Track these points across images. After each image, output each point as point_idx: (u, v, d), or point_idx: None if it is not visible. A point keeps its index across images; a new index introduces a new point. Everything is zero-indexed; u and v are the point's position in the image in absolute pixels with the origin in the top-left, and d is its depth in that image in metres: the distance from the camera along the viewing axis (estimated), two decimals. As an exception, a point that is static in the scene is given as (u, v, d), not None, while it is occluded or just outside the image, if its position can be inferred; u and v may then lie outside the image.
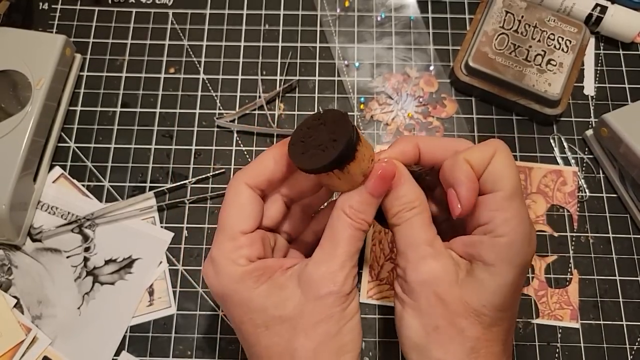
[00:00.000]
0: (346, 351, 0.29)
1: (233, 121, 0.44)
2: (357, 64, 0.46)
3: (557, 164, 0.43)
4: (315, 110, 0.45)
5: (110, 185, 0.43)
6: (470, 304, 0.28)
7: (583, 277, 0.40)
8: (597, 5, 0.46)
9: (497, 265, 0.28)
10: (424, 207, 0.30)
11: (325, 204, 0.35)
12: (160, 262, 0.41)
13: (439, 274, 0.28)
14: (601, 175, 0.43)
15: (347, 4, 0.48)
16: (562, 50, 0.44)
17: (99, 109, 0.45)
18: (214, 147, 0.44)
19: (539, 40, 0.44)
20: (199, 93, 0.46)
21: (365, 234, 0.30)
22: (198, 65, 0.46)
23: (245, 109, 0.44)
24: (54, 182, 0.43)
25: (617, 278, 0.40)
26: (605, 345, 0.39)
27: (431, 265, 0.28)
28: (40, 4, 0.48)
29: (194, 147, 0.44)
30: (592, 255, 0.41)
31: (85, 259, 0.41)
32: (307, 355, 0.29)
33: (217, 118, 0.44)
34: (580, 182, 0.43)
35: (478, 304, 0.28)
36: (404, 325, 0.29)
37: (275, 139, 0.44)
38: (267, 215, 0.32)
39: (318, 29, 0.48)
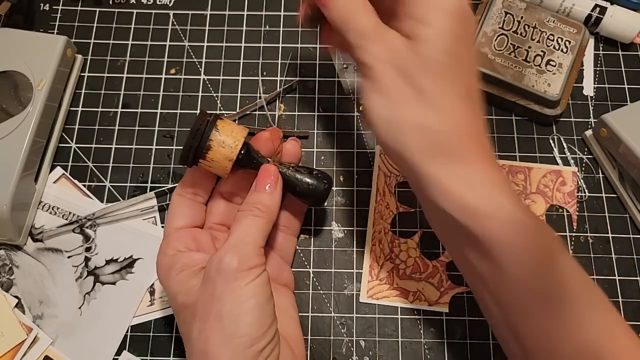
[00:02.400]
0: (238, 336, 0.29)
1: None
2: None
3: (557, 164, 0.43)
4: (316, 111, 0.45)
5: (111, 186, 0.43)
6: (421, 56, 0.29)
7: (582, 277, 0.41)
8: (596, 6, 0.46)
9: (430, 15, 0.30)
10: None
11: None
12: (161, 262, 0.41)
13: (392, 47, 0.30)
14: (600, 175, 0.43)
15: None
16: (562, 50, 0.44)
17: (99, 109, 0.45)
18: (214, 148, 0.44)
19: (538, 41, 0.44)
20: (200, 94, 0.46)
21: (267, 217, 0.33)
22: (199, 66, 0.47)
23: (245, 109, 0.45)
24: (55, 182, 0.43)
25: (617, 278, 0.41)
26: (604, 345, 0.39)
27: (380, 45, 0.30)
28: (42, 5, 0.48)
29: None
30: (592, 255, 0.41)
31: (87, 259, 0.41)
32: (198, 337, 0.30)
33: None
34: (579, 182, 0.43)
35: (427, 54, 0.29)
36: (370, 108, 0.31)
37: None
38: (215, 212, 0.37)
39: (318, 30, 0.48)
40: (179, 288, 0.32)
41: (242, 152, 0.34)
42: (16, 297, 0.40)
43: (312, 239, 0.42)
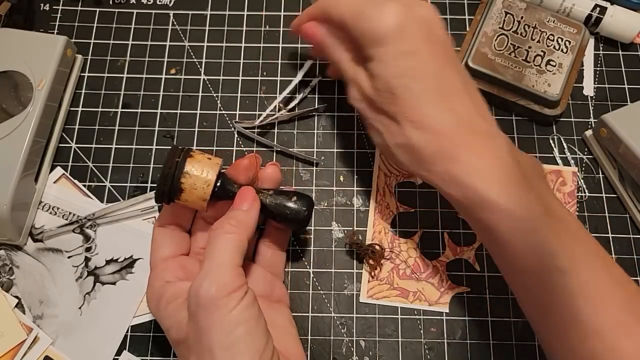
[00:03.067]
0: None
1: (249, 128, 0.44)
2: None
3: (557, 164, 0.43)
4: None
5: (111, 186, 0.43)
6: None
7: (582, 277, 0.41)
8: (596, 6, 0.46)
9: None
10: None
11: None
12: (161, 262, 0.41)
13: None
14: (600, 175, 0.43)
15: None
16: (562, 50, 0.44)
17: (100, 109, 0.45)
18: (214, 148, 0.44)
19: (538, 41, 0.44)
20: (200, 94, 0.46)
21: (240, 233, 0.31)
22: (199, 66, 0.47)
23: (265, 119, 0.44)
24: (55, 182, 0.43)
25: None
26: (604, 345, 0.39)
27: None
28: (42, 5, 0.48)
29: (194, 148, 0.44)
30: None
31: (87, 259, 0.41)
32: None
33: (236, 122, 0.44)
34: (579, 183, 0.43)
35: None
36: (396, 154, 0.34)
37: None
38: (200, 237, 0.36)
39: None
40: (170, 322, 0.31)
41: (218, 186, 0.33)
42: (16, 297, 0.40)
43: (312, 239, 0.42)
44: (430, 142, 0.32)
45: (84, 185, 0.43)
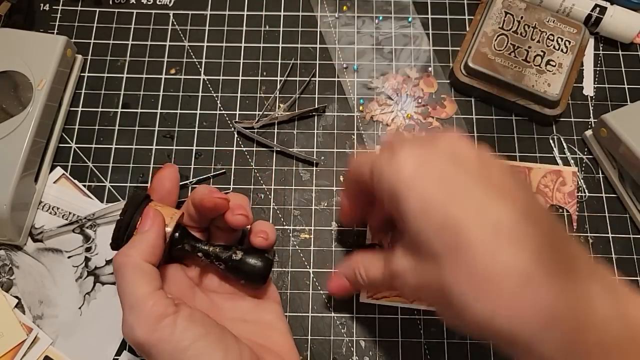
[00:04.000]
0: None
1: (249, 128, 0.44)
2: (355, 67, 0.47)
3: (557, 164, 0.43)
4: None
5: (111, 186, 0.43)
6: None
7: (582, 277, 0.41)
8: (596, 6, 0.46)
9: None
10: None
11: None
12: (161, 262, 0.41)
13: None
14: (600, 175, 0.43)
15: (345, 8, 0.49)
16: (562, 50, 0.44)
17: (99, 109, 0.45)
18: (214, 148, 0.44)
19: (538, 41, 0.44)
20: (200, 94, 0.46)
21: (139, 263, 0.30)
22: (199, 66, 0.47)
23: (262, 117, 0.44)
24: (55, 182, 0.43)
25: (617, 278, 0.40)
26: (604, 345, 0.39)
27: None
28: (42, 5, 0.48)
29: (194, 148, 0.44)
30: (592, 255, 0.41)
31: (87, 259, 0.41)
32: None
33: (236, 122, 0.44)
34: (579, 183, 0.43)
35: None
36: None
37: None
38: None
39: (318, 30, 0.48)
40: None
41: (173, 248, 0.33)
42: (16, 297, 0.40)
43: (312, 239, 0.42)
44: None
45: (84, 185, 0.43)
